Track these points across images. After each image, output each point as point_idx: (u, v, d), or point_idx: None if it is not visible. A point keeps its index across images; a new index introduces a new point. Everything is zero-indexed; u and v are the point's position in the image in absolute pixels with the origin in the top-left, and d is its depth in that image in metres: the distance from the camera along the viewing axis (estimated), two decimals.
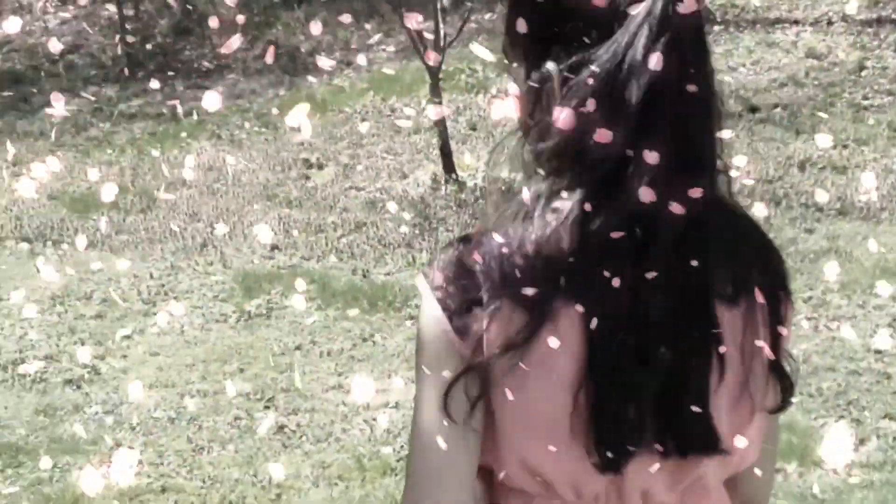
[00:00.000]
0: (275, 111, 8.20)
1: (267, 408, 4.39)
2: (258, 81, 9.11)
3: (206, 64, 9.56)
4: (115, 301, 5.38)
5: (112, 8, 10.29)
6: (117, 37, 9.90)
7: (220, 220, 6.50)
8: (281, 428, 4.20)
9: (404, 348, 4.81)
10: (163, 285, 5.72)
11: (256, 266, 5.91)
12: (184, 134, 8.08)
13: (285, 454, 4.06)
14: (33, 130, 8.56)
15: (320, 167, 7.30)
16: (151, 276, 5.81)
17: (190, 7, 9.96)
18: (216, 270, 5.88)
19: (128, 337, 5.14)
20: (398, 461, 3.90)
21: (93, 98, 9.17)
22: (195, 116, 8.31)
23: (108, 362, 4.89)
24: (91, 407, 4.50)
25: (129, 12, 10.14)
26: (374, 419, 4.22)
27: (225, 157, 7.48)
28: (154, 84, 9.03)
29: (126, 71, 9.51)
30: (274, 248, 6.12)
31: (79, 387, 4.68)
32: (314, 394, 4.51)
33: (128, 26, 10.06)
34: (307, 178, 7.19)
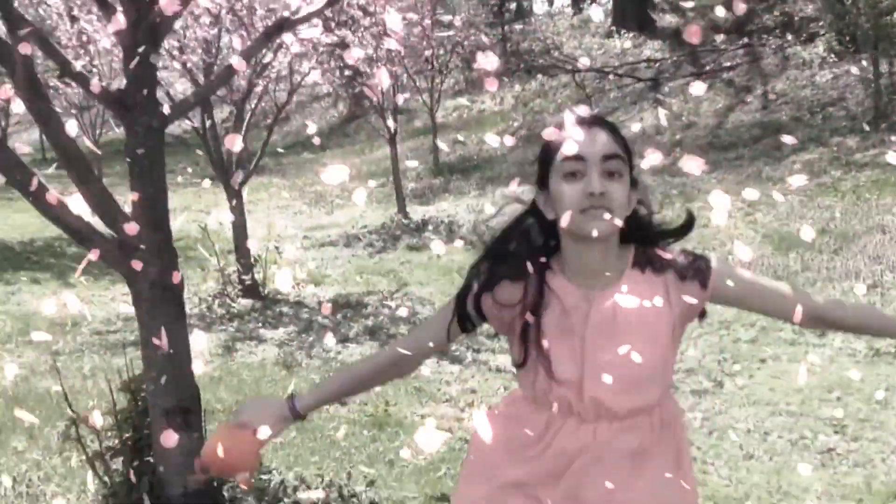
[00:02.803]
0: None
1: (836, 432, 4.66)
2: None
3: None
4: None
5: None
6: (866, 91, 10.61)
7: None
8: (830, 450, 4.45)
9: None
10: None
11: None
12: None
13: (820, 471, 4.28)
14: (774, 176, 9.40)
15: None
16: None
17: None
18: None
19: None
20: None
21: (834, 148, 10.05)
22: None
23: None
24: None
25: (884, 68, 10.75)
26: None
27: None
28: (889, 136, 9.59)
29: (870, 123, 10.23)
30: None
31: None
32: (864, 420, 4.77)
33: (882, 82, 10.69)
34: None
